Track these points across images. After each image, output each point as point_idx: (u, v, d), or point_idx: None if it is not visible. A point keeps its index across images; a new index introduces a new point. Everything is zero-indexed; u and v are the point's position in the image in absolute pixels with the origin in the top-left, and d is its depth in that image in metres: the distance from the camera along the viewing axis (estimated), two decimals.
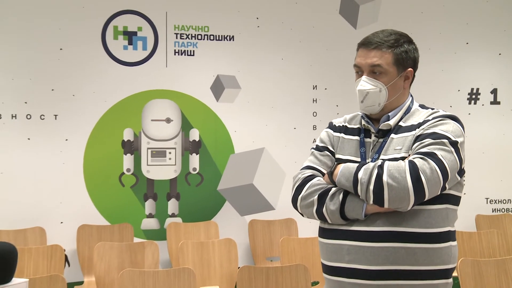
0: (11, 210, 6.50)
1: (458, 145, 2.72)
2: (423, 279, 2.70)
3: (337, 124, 3.09)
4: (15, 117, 6.54)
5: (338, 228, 2.80)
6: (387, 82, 2.83)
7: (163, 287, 4.64)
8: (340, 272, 2.78)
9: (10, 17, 6.48)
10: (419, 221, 2.69)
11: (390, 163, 2.68)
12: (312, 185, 2.87)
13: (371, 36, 2.91)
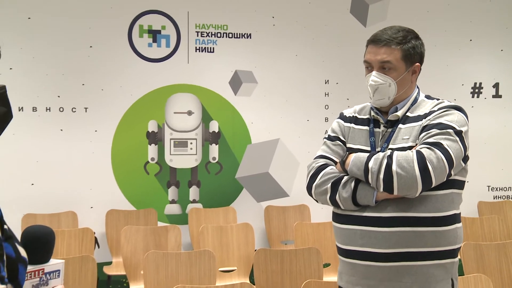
0: (46, 196, 6.56)
1: (462, 134, 2.73)
2: (432, 259, 2.72)
3: (348, 115, 3.09)
4: (49, 110, 6.60)
5: (351, 214, 2.82)
6: (396, 77, 2.84)
7: (185, 268, 4.67)
8: (354, 254, 2.81)
9: (45, 18, 6.51)
10: (427, 206, 2.71)
11: (398, 153, 2.69)
12: (326, 174, 2.89)
13: (380, 33, 2.90)
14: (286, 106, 7.23)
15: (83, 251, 5.67)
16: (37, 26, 6.55)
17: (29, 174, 6.58)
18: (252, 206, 6.98)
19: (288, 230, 6.90)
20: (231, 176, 6.91)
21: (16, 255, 1.66)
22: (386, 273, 2.75)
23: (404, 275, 2.73)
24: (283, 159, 6.47)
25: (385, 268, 2.73)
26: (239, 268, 5.85)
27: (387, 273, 2.75)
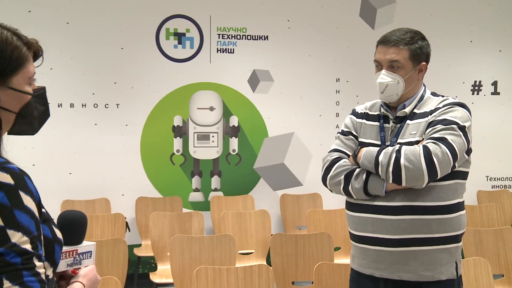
0: (82, 184, 6.65)
1: (465, 129, 2.74)
2: (437, 244, 2.74)
3: (359, 111, 3.10)
4: (84, 106, 6.69)
5: (363, 203, 2.84)
6: (404, 75, 2.84)
7: (207, 250, 4.73)
8: (365, 240, 2.83)
9: (82, 23, 6.59)
10: (433, 196, 2.73)
11: (406, 147, 2.70)
12: (339, 166, 2.91)
13: (389, 34, 2.90)
14: (300, 103, 7.24)
15: (116, 235, 5.76)
16: (74, 30, 6.62)
17: (67, 164, 6.65)
18: (268, 194, 6.98)
19: (301, 217, 6.91)
20: (249, 166, 6.91)
21: (52, 236, 1.69)
22: (394, 257, 2.77)
23: (411, 259, 2.75)
24: (297, 151, 6.44)
25: (394, 252, 2.76)
26: (256, 251, 5.91)
27: (395, 257, 2.76)
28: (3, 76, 1.62)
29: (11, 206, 1.50)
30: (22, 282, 1.47)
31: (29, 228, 1.53)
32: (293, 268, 4.70)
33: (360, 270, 2.92)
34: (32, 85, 1.73)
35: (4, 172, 1.53)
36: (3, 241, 1.48)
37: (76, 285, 1.77)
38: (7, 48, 1.62)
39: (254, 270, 3.82)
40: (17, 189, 1.53)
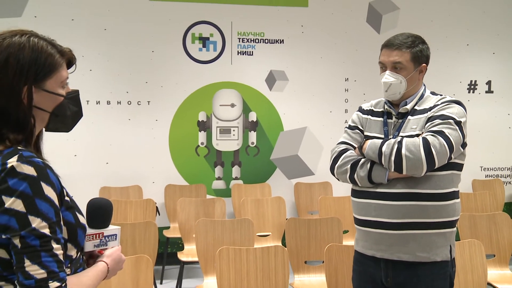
0: (117, 172, 6.72)
1: (461, 124, 2.74)
2: (433, 228, 2.74)
3: (365, 108, 3.10)
4: (119, 103, 6.74)
5: (367, 190, 2.85)
6: (406, 75, 2.84)
7: (229, 232, 4.74)
8: (369, 224, 2.84)
9: (117, 29, 6.65)
10: (431, 184, 2.73)
11: (407, 139, 2.71)
12: (346, 157, 2.92)
13: (392, 38, 2.91)
14: (312, 100, 7.22)
15: (147, 218, 5.78)
16: (111, 36, 6.68)
17: (105, 155, 6.71)
18: (284, 182, 6.99)
19: (313, 203, 6.91)
20: (266, 157, 6.90)
21: (75, 221, 1.71)
22: (394, 240, 2.77)
23: (410, 241, 2.75)
24: (310, 143, 6.39)
25: (394, 235, 2.76)
26: (273, 233, 5.93)
27: (395, 240, 2.77)
28: (38, 80, 1.67)
29: (33, 195, 1.55)
30: (40, 262, 1.52)
31: (48, 214, 1.57)
32: (306, 249, 4.69)
33: (363, 251, 2.94)
34: (65, 88, 1.78)
35: (28, 165, 1.57)
36: (24, 225, 1.53)
37: (100, 264, 1.80)
38: (41, 55, 1.68)
39: (271, 251, 3.83)
40: (39, 180, 1.57)
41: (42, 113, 1.72)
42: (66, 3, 6.54)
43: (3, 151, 1.61)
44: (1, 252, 1.58)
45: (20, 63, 1.64)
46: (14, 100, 1.64)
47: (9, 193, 1.54)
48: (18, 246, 1.53)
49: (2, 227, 1.54)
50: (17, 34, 1.69)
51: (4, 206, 1.53)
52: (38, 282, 1.51)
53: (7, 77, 1.63)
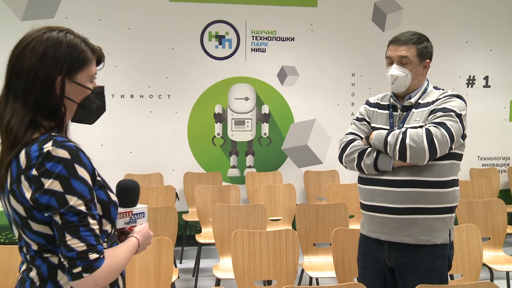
0: (140, 161, 6.75)
1: (462, 117, 2.75)
2: (434, 213, 2.76)
3: (372, 101, 3.10)
4: (142, 97, 6.76)
5: (372, 177, 2.86)
6: (411, 69, 2.85)
7: (243, 217, 4.77)
8: (374, 209, 2.86)
9: (140, 28, 6.65)
10: (432, 172, 2.74)
11: (411, 130, 2.72)
12: (354, 146, 2.93)
13: (399, 35, 2.91)
14: (321, 94, 7.20)
15: (167, 203, 5.84)
16: (134, 35, 6.69)
17: (128, 144, 6.75)
18: (294, 170, 7.02)
19: (322, 189, 6.91)
20: (278, 147, 6.95)
21: (108, 199, 1.74)
22: (398, 224, 2.78)
23: (412, 225, 2.76)
24: (318, 134, 6.39)
25: (397, 219, 2.77)
26: (284, 218, 5.94)
27: (398, 224, 2.78)
28: (70, 72, 1.71)
29: (68, 176, 1.58)
30: (79, 236, 1.57)
31: (83, 193, 1.61)
32: (315, 232, 4.71)
33: (368, 234, 2.95)
34: (93, 83, 1.81)
35: (62, 149, 1.60)
36: (63, 204, 1.57)
37: (132, 239, 1.83)
38: (76, 50, 1.72)
39: (282, 234, 3.85)
40: (73, 162, 1.60)
41: (71, 103, 1.75)
42: (93, 4, 6.57)
43: (39, 138, 1.63)
44: (45, 229, 1.63)
45: (57, 56, 1.68)
46: (49, 89, 1.67)
47: (47, 175, 1.57)
48: (59, 222, 1.57)
49: (44, 206, 1.58)
50: (55, 29, 1.73)
51: (44, 187, 1.57)
52: (79, 254, 1.56)
53: (44, 67, 1.66)
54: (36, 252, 1.67)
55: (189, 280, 5.62)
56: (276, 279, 3.83)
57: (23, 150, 1.62)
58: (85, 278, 1.57)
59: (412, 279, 2.80)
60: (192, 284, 5.45)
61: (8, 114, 1.66)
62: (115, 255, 1.70)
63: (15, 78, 1.67)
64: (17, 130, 1.63)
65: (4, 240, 6.51)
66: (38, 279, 1.66)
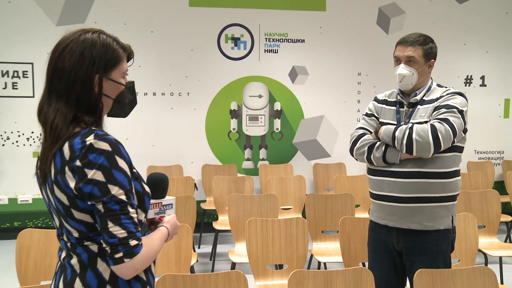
0: (161, 153, 6.79)
1: (463, 113, 2.77)
2: (438, 202, 2.78)
3: (380, 98, 3.10)
4: (163, 94, 6.79)
5: (381, 169, 2.87)
6: (417, 68, 2.85)
7: (256, 206, 4.76)
8: (382, 198, 2.88)
9: (162, 31, 6.67)
10: (436, 164, 2.75)
11: (417, 125, 2.73)
12: (364, 140, 2.94)
13: (406, 36, 2.91)
14: (329, 91, 7.18)
15: (187, 192, 5.87)
16: (156, 37, 6.71)
17: (151, 138, 6.79)
18: (304, 163, 7.00)
19: (330, 181, 6.91)
20: (289, 141, 6.96)
21: (142, 190, 1.75)
22: (405, 211, 2.80)
23: (417, 213, 2.78)
24: (327, 129, 6.33)
25: (404, 207, 2.80)
26: (294, 207, 5.94)
27: (405, 211, 2.80)
28: (106, 70, 1.72)
29: (110, 167, 1.59)
30: (121, 224, 1.57)
31: (123, 183, 1.61)
32: (323, 220, 4.72)
33: (377, 221, 2.97)
34: (125, 79, 1.82)
35: (104, 142, 1.60)
36: (106, 193, 1.58)
37: (162, 228, 1.83)
38: (109, 50, 1.73)
39: (293, 222, 3.86)
40: (114, 154, 1.61)
41: (107, 99, 1.76)
42: (119, 10, 6.61)
43: (81, 132, 1.64)
44: (87, 217, 1.64)
45: (93, 56, 1.69)
46: (88, 88, 1.69)
47: (90, 166, 1.58)
48: (102, 210, 1.58)
49: (87, 195, 1.59)
50: (89, 31, 1.74)
51: (87, 177, 1.58)
52: (120, 240, 1.57)
53: (83, 67, 1.67)
54: (77, 239, 1.68)
55: (207, 264, 5.65)
56: (287, 263, 3.84)
57: (66, 143, 1.63)
58: (126, 263, 1.58)
59: (418, 261, 2.83)
60: (209, 268, 5.48)
61: (52, 113, 1.67)
62: (151, 242, 1.71)
63: (57, 79, 1.68)
64: (61, 127, 1.64)
65: (41, 224, 6.59)
66: (78, 267, 1.67)
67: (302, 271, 2.71)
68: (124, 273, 1.61)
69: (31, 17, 6.41)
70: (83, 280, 1.65)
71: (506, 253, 4.61)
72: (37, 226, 6.48)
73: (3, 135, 6.52)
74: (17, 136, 6.54)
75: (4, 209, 6.56)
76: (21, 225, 6.53)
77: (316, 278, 2.71)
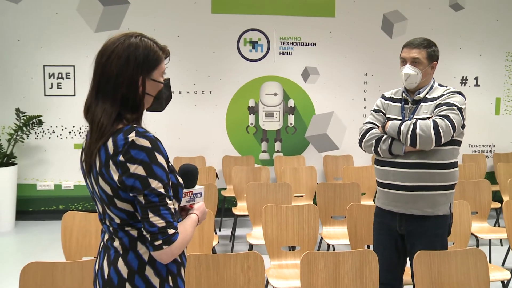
0: (186, 146, 6.82)
1: (462, 110, 2.78)
2: (438, 190, 2.78)
3: (387, 95, 3.10)
4: (188, 92, 6.82)
5: (387, 160, 2.88)
6: (422, 69, 2.85)
7: (272, 193, 4.78)
8: (388, 186, 2.88)
9: (187, 35, 6.71)
10: (437, 156, 2.76)
11: (420, 121, 2.73)
12: (372, 134, 2.94)
13: (412, 40, 2.91)
14: (338, 90, 7.14)
15: (209, 181, 5.90)
16: (182, 40, 6.74)
17: (177, 132, 6.83)
18: (315, 155, 7.00)
19: (338, 171, 6.89)
20: (302, 135, 6.94)
21: (177, 182, 1.74)
22: (408, 198, 2.81)
23: (419, 200, 2.79)
24: (336, 124, 6.31)
25: (407, 195, 2.81)
26: (306, 194, 5.93)
27: (408, 198, 2.81)
28: (149, 71, 1.71)
29: (150, 162, 1.58)
30: (160, 214, 1.58)
31: (162, 177, 1.61)
32: (332, 207, 4.72)
33: (383, 207, 2.98)
34: (163, 77, 1.81)
35: (144, 139, 1.60)
36: (146, 186, 1.57)
37: (193, 215, 1.82)
38: (151, 52, 1.73)
39: (305, 208, 3.86)
40: (153, 150, 1.60)
41: (148, 97, 1.75)
42: (149, 17, 6.66)
43: (123, 128, 1.64)
44: (128, 206, 1.65)
45: (138, 59, 1.69)
46: (133, 89, 1.69)
47: (132, 161, 1.58)
48: (143, 202, 1.58)
49: (129, 187, 1.59)
50: (132, 35, 1.74)
51: (129, 171, 1.58)
52: (160, 229, 1.58)
53: (129, 70, 1.67)
54: (119, 225, 1.69)
55: (227, 245, 5.67)
56: (299, 245, 3.84)
57: (110, 139, 1.63)
58: (165, 249, 1.59)
59: (418, 243, 2.84)
60: (229, 248, 5.51)
61: (99, 112, 1.66)
62: (185, 229, 1.71)
63: (105, 81, 1.68)
64: (106, 124, 1.64)
65: (81, 208, 6.71)
66: (121, 248, 1.69)
67: (313, 253, 2.72)
68: (163, 258, 1.62)
69: (73, 25, 6.52)
70: (125, 260, 1.67)
71: (495, 236, 4.66)
72: (78, 209, 6.58)
73: (49, 129, 6.64)
74: (60, 130, 6.64)
75: (50, 193, 6.70)
76: (64, 208, 6.65)
77: (326, 258, 2.72)
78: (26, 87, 6.56)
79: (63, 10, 6.52)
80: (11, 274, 3.29)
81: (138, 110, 1.71)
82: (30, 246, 5.61)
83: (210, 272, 2.66)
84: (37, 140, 6.63)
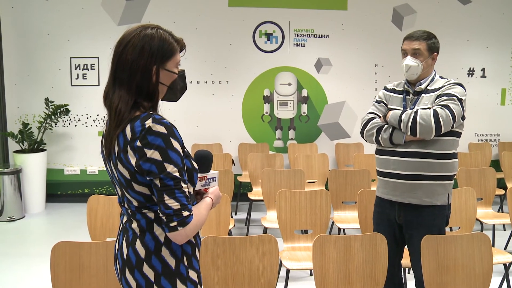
0: (204, 133, 6.86)
1: (462, 101, 2.73)
2: (436, 180, 2.75)
3: (389, 87, 3.07)
4: (206, 82, 6.85)
5: (388, 149, 2.86)
6: (422, 60, 2.82)
7: (286, 179, 4.78)
8: (387, 175, 2.87)
9: (205, 28, 6.72)
10: (436, 146, 2.72)
11: (421, 110, 2.70)
12: (373, 123, 2.92)
13: (412, 32, 2.89)
14: (350, 80, 7.10)
15: (225, 167, 5.89)
16: (200, 33, 6.76)
17: (195, 120, 6.86)
18: (327, 142, 7.00)
19: (349, 158, 6.86)
20: (314, 124, 6.96)
21: (192, 166, 1.74)
22: (406, 187, 2.79)
23: (418, 189, 2.77)
24: (347, 114, 6.42)
25: (406, 184, 2.78)
26: (319, 180, 5.92)
27: (407, 187, 2.79)
28: (163, 61, 1.72)
29: (166, 148, 1.59)
30: (175, 197, 1.59)
31: (177, 162, 1.62)
32: (343, 192, 4.70)
33: (382, 196, 2.97)
34: (177, 68, 1.81)
35: (160, 125, 1.61)
36: (162, 170, 1.59)
37: (207, 199, 1.83)
38: (166, 43, 1.73)
39: (317, 193, 3.86)
40: (169, 136, 1.61)
41: (162, 87, 1.76)
42: (170, 11, 6.70)
43: (140, 115, 1.65)
44: (145, 189, 1.66)
45: (152, 49, 1.69)
46: (147, 77, 1.69)
47: (149, 147, 1.59)
48: (158, 185, 1.59)
49: (146, 171, 1.61)
50: (149, 27, 1.74)
51: (146, 156, 1.60)
52: (175, 211, 1.59)
53: (143, 59, 1.68)
54: (136, 208, 1.70)
55: (242, 228, 5.73)
56: (312, 229, 3.86)
57: (128, 125, 1.64)
58: (179, 231, 1.61)
59: (416, 233, 2.81)
60: (244, 231, 5.57)
61: (116, 99, 1.68)
62: (199, 212, 1.71)
63: (121, 70, 1.69)
64: (124, 111, 1.65)
65: (105, 192, 6.86)
66: (138, 230, 1.70)
67: (324, 236, 2.73)
68: (178, 239, 1.64)
69: (98, 19, 6.62)
70: (143, 241, 1.68)
71: (499, 221, 4.64)
72: (102, 193, 6.68)
73: (75, 117, 6.78)
74: (86, 118, 6.79)
75: (76, 178, 6.85)
76: (90, 191, 6.81)
77: (337, 242, 2.73)
78: (54, 78, 6.69)
79: (89, 5, 6.63)
80: (43, 252, 3.36)
81: (153, 99, 1.72)
82: (59, 226, 5.74)
83: (227, 253, 2.69)
84: (64, 127, 6.75)
